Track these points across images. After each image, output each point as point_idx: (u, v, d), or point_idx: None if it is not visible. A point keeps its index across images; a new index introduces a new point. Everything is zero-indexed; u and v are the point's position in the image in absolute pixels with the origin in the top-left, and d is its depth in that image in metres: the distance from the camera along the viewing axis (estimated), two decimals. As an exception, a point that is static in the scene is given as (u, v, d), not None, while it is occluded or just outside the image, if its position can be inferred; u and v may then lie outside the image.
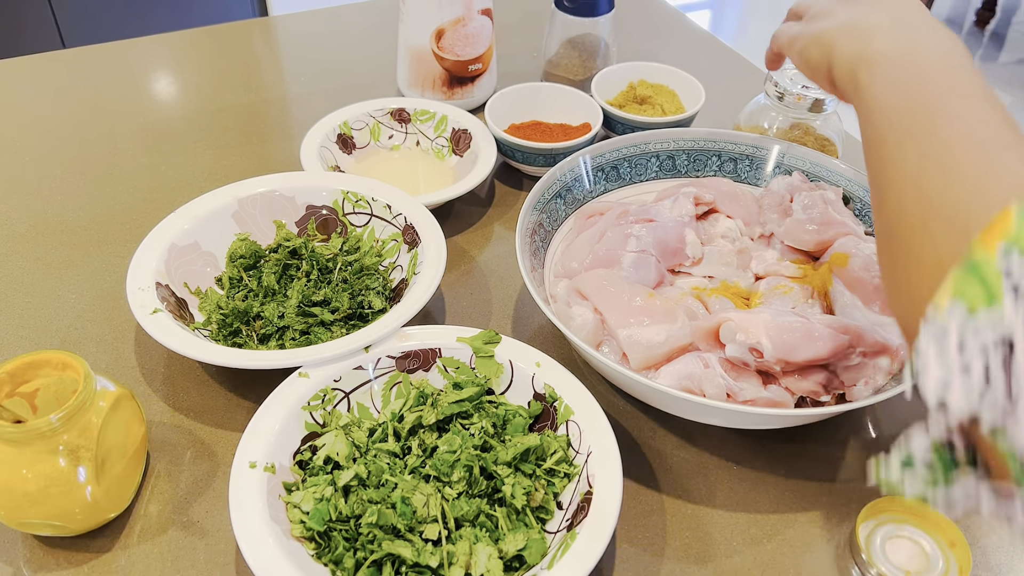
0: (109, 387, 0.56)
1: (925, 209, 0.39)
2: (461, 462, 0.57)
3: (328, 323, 0.69)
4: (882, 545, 0.57)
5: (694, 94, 0.94)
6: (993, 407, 0.32)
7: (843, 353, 0.60)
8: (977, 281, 0.33)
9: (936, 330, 0.34)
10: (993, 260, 0.32)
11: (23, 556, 0.56)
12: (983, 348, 0.32)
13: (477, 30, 0.95)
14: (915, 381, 0.35)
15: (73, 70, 1.07)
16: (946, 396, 0.33)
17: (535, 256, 0.71)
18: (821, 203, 0.73)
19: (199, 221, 0.73)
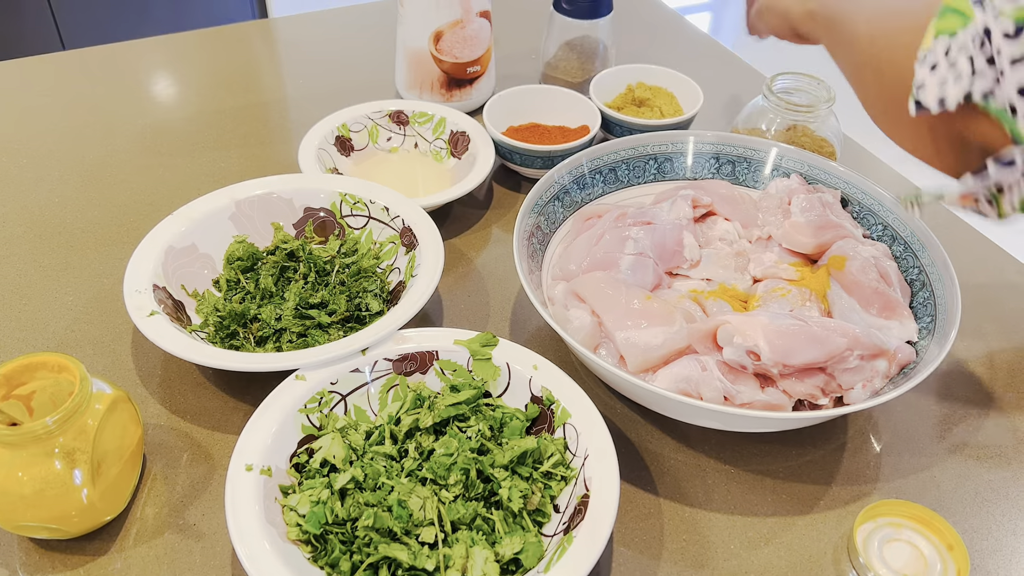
0: (105, 390, 0.56)
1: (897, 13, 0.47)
2: (458, 465, 0.57)
3: (325, 325, 0.68)
4: (880, 548, 0.57)
5: (692, 96, 0.94)
6: (981, 79, 0.40)
7: (840, 356, 0.60)
8: (951, 15, 0.41)
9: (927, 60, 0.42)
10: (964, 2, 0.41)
11: (19, 559, 0.56)
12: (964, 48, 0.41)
13: (475, 32, 0.95)
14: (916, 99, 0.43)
15: (72, 72, 1.07)
16: (943, 93, 0.42)
17: (533, 258, 0.71)
18: (819, 205, 0.73)
19: (196, 223, 0.73)
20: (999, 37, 0.39)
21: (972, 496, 0.63)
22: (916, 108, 0.44)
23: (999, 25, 0.39)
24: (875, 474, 0.64)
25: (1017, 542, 0.60)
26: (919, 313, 0.67)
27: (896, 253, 0.72)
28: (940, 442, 0.67)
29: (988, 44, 0.40)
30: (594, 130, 0.89)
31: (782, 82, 0.86)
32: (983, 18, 0.40)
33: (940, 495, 0.63)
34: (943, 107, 0.42)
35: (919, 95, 0.43)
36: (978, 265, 0.83)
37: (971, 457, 0.66)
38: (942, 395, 0.70)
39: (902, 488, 0.63)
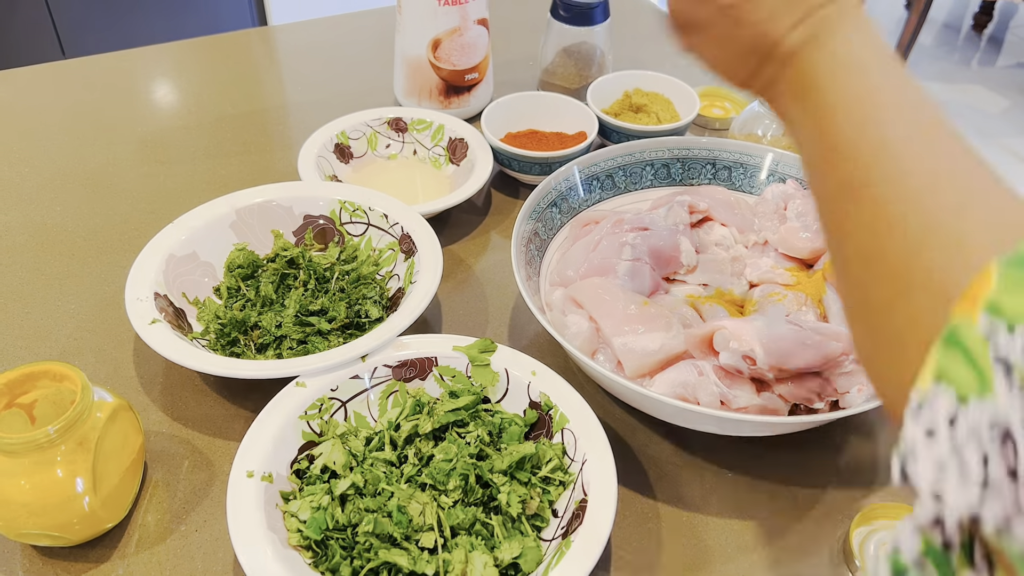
0: (107, 398, 0.56)
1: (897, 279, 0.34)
2: (457, 471, 0.57)
3: (325, 332, 0.69)
4: (876, 552, 0.58)
5: (689, 102, 0.95)
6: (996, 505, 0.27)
7: (836, 360, 0.60)
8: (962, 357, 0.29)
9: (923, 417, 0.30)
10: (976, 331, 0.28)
11: (22, 566, 0.56)
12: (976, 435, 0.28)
13: (473, 40, 0.96)
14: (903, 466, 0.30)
15: (73, 80, 1.08)
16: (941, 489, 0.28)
17: (531, 265, 0.71)
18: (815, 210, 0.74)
19: (197, 231, 0.73)
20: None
21: (968, 499, 0.63)
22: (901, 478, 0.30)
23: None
24: (871, 477, 0.64)
25: (1013, 544, 0.60)
26: (914, 317, 0.68)
27: (891, 257, 0.72)
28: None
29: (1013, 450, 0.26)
30: (591, 136, 0.89)
31: None
32: (1008, 402, 0.27)
33: (936, 498, 0.63)
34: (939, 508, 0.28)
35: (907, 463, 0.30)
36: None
37: (967, 460, 0.66)
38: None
39: (898, 491, 0.64)
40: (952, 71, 2.94)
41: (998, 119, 2.61)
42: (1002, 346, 0.28)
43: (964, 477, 0.28)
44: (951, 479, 0.28)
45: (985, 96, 2.79)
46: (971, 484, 0.27)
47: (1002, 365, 0.27)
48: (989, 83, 2.88)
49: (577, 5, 0.96)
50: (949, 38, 3.16)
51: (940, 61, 3.00)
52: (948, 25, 3.24)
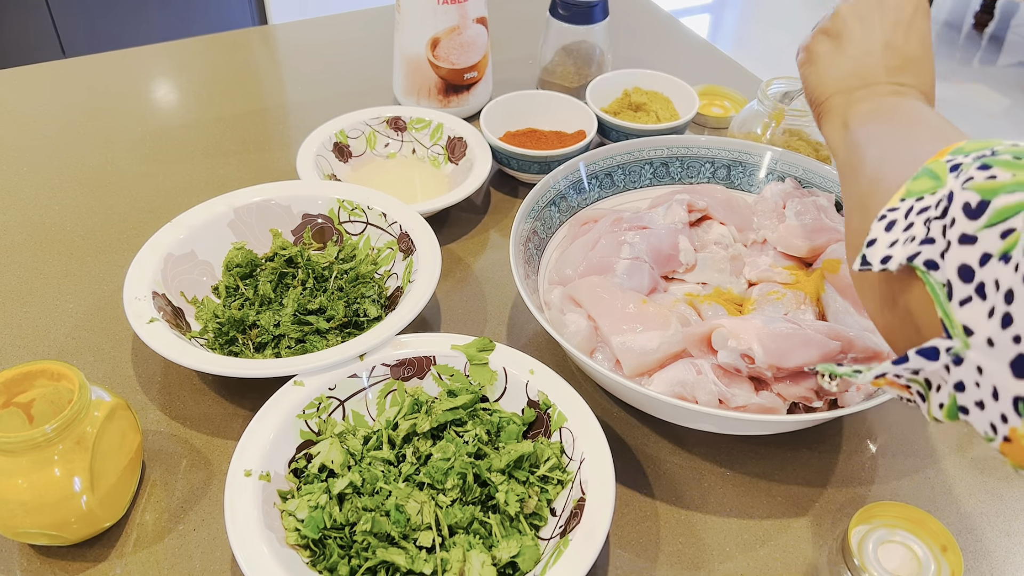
0: (104, 397, 0.56)
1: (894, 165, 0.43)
2: (455, 469, 0.57)
3: (324, 331, 0.69)
4: (874, 550, 0.57)
5: (688, 101, 0.95)
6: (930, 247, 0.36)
7: (834, 359, 0.60)
8: (926, 178, 0.39)
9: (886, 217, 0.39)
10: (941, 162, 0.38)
11: (19, 565, 0.56)
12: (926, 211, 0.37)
13: (472, 38, 0.96)
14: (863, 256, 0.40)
15: (73, 79, 1.08)
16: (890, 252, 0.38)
17: (529, 263, 0.71)
18: (814, 209, 0.74)
19: (195, 230, 0.73)
20: (958, 208, 0.35)
21: (966, 498, 0.63)
22: (860, 263, 0.40)
23: (963, 196, 0.35)
24: (870, 476, 0.64)
25: (1010, 544, 0.60)
26: (913, 316, 0.67)
27: (890, 256, 0.72)
28: (934, 444, 0.67)
29: (949, 211, 0.36)
30: (590, 135, 0.89)
31: (777, 86, 0.86)
32: (952, 183, 0.37)
33: (934, 497, 0.63)
34: (884, 266, 0.39)
35: (866, 252, 0.40)
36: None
37: (965, 459, 0.66)
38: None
39: (896, 490, 0.64)
40: (953, 70, 2.94)
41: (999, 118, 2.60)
42: (957, 161, 0.37)
43: (910, 239, 0.37)
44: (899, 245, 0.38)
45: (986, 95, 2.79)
46: (913, 243, 0.37)
47: (954, 169, 0.37)
48: (990, 82, 2.88)
49: (576, 4, 0.96)
50: (950, 37, 3.16)
51: (941, 60, 3.00)
52: (949, 24, 3.23)
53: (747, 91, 1.06)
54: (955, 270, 0.35)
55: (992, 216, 0.33)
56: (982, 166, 0.35)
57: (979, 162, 0.36)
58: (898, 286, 0.39)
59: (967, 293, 0.34)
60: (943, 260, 0.35)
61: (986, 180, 0.34)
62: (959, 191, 0.35)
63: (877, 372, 0.38)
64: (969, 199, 0.35)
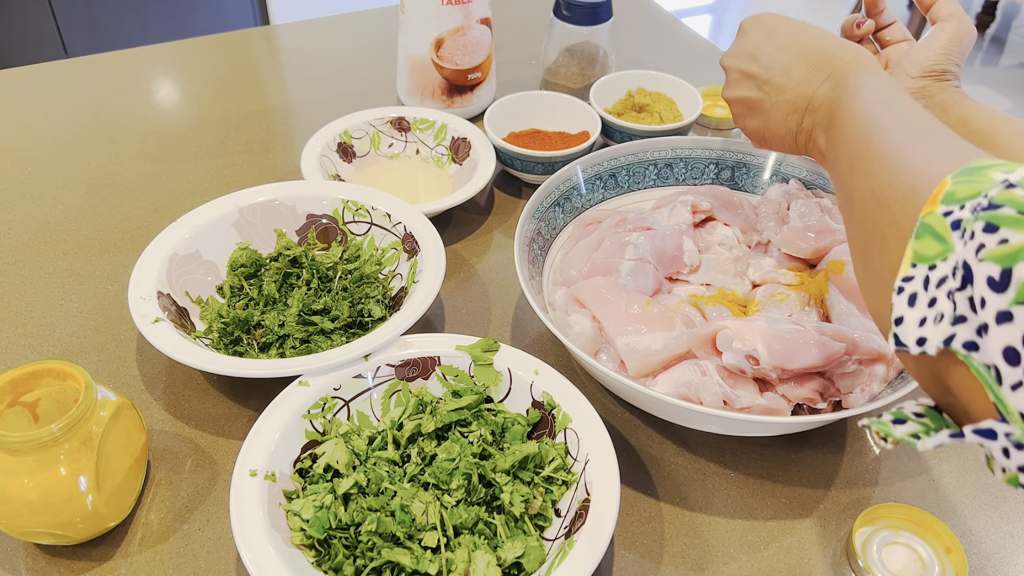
0: (110, 396, 0.56)
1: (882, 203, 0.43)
2: (460, 470, 0.57)
3: (328, 331, 0.69)
4: (879, 551, 0.58)
5: (692, 102, 0.95)
6: (963, 326, 0.34)
7: (839, 361, 0.60)
8: (929, 238, 0.37)
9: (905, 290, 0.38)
10: (938, 216, 0.37)
11: (25, 564, 0.57)
12: (945, 283, 0.36)
13: (476, 39, 0.96)
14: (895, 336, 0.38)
15: (76, 79, 1.08)
16: (923, 334, 0.36)
17: (533, 264, 0.71)
18: (818, 211, 0.74)
19: (200, 230, 0.73)
20: (982, 283, 0.33)
21: (970, 499, 0.63)
22: (895, 344, 0.38)
23: (983, 268, 0.33)
24: (874, 478, 0.64)
25: (1015, 545, 0.60)
26: (917, 317, 0.67)
27: (894, 258, 0.72)
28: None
29: (970, 285, 0.34)
30: (594, 136, 0.89)
31: None
32: (962, 250, 0.34)
33: (938, 498, 0.63)
34: (921, 349, 0.37)
35: (897, 330, 0.38)
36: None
37: (969, 460, 0.66)
38: (941, 399, 0.71)
39: (900, 491, 0.64)
40: (955, 71, 2.93)
41: (1000, 119, 2.60)
42: (954, 214, 0.36)
43: (939, 318, 0.36)
44: (929, 324, 0.36)
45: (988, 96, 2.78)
46: (944, 322, 0.35)
47: (956, 228, 0.36)
48: (992, 83, 2.88)
49: (580, 5, 0.96)
50: (952, 38, 3.15)
51: (943, 61, 2.99)
52: (951, 25, 3.23)
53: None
54: (1000, 353, 0.33)
55: (1020, 289, 0.32)
56: (988, 227, 0.33)
57: (982, 221, 0.34)
58: (939, 365, 0.37)
59: (1018, 378, 0.32)
60: (983, 340, 0.33)
61: (999, 246, 0.33)
62: (975, 263, 0.33)
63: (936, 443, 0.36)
64: (991, 272, 0.33)
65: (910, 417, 0.39)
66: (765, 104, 0.62)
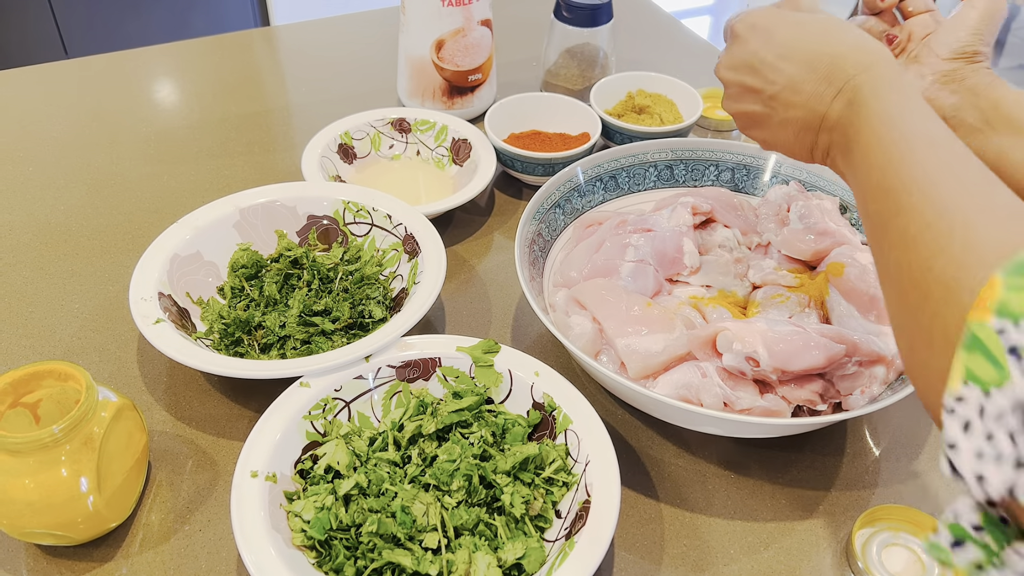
0: (111, 397, 0.56)
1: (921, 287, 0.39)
2: (460, 471, 0.57)
3: (329, 332, 0.69)
4: (878, 553, 0.58)
5: (692, 104, 0.95)
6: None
7: (839, 362, 0.61)
8: (981, 356, 0.33)
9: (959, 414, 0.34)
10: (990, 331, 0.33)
11: (26, 565, 0.57)
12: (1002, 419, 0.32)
13: (477, 40, 0.96)
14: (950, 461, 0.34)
15: (76, 80, 1.08)
16: (982, 470, 0.33)
17: (534, 265, 0.71)
18: (818, 213, 0.74)
19: (201, 231, 0.73)
20: None
21: (970, 501, 0.63)
22: (951, 472, 0.34)
23: None
24: (874, 479, 0.64)
25: (1015, 547, 0.60)
26: (917, 319, 0.68)
27: (894, 259, 0.72)
28: (938, 447, 0.67)
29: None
30: (595, 137, 0.90)
31: None
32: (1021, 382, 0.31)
33: (938, 500, 0.63)
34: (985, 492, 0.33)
35: (952, 457, 0.34)
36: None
37: (969, 462, 0.66)
38: (941, 400, 0.71)
39: (900, 493, 0.64)
40: (954, 73, 2.94)
41: (1000, 121, 2.60)
42: (1012, 337, 0.32)
43: (999, 458, 0.32)
44: (988, 462, 0.33)
45: (987, 98, 2.78)
46: (1005, 463, 0.32)
47: (1013, 354, 0.32)
48: (991, 85, 2.88)
49: (580, 6, 0.96)
50: (951, 40, 3.16)
51: (942, 63, 3.00)
52: (950, 27, 3.23)
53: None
54: None
55: None
56: None
57: None
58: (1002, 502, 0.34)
59: None
60: None
61: None
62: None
63: None
64: None
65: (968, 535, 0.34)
66: (773, 120, 0.55)
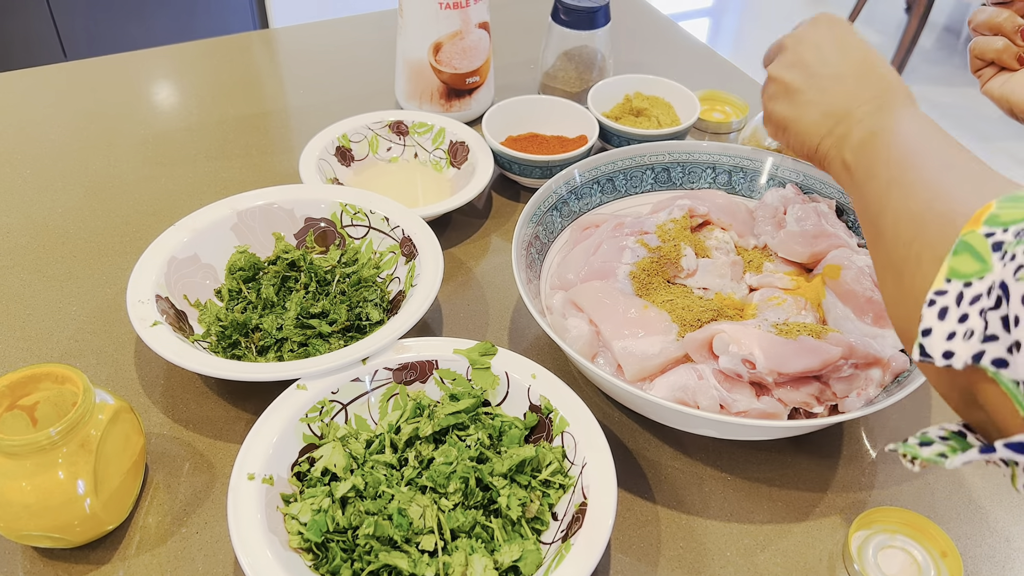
0: (108, 400, 0.56)
1: (919, 222, 0.42)
2: (457, 473, 0.57)
3: (326, 335, 0.69)
4: (875, 555, 0.58)
5: (689, 106, 0.95)
6: (994, 344, 0.35)
7: (835, 365, 0.61)
8: (968, 255, 0.37)
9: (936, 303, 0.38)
10: (979, 236, 0.37)
11: (23, 568, 0.57)
12: (979, 301, 0.36)
13: (475, 43, 0.96)
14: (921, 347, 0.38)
15: (75, 82, 1.08)
16: (951, 348, 0.37)
17: (531, 268, 0.71)
18: (814, 215, 0.74)
19: (199, 233, 0.73)
20: (1018, 302, 0.34)
21: (965, 503, 0.63)
22: (920, 355, 0.39)
23: (1020, 288, 0.33)
24: (870, 481, 0.65)
25: (1010, 549, 0.60)
26: (913, 322, 0.68)
27: (891, 262, 0.73)
28: (935, 449, 0.67)
29: (1005, 304, 0.34)
30: (592, 140, 0.90)
31: None
32: (1002, 271, 0.35)
33: (934, 502, 0.63)
34: (948, 363, 0.37)
35: (924, 341, 0.38)
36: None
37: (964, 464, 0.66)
38: (936, 403, 0.71)
39: (896, 495, 0.64)
40: (952, 75, 2.95)
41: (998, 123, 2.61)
42: (998, 236, 0.36)
43: (968, 335, 0.36)
44: (958, 340, 0.37)
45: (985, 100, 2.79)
46: (974, 339, 0.36)
47: (997, 249, 0.36)
48: (989, 87, 2.88)
49: (578, 9, 0.97)
50: (949, 42, 3.16)
51: (940, 65, 3.01)
52: (948, 29, 3.24)
53: (747, 95, 1.06)
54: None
55: None
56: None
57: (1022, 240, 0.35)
58: (964, 379, 0.38)
59: None
60: (1013, 357, 0.34)
61: None
62: (1013, 282, 0.34)
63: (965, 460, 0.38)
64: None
65: (935, 440, 0.39)
66: (804, 96, 0.59)
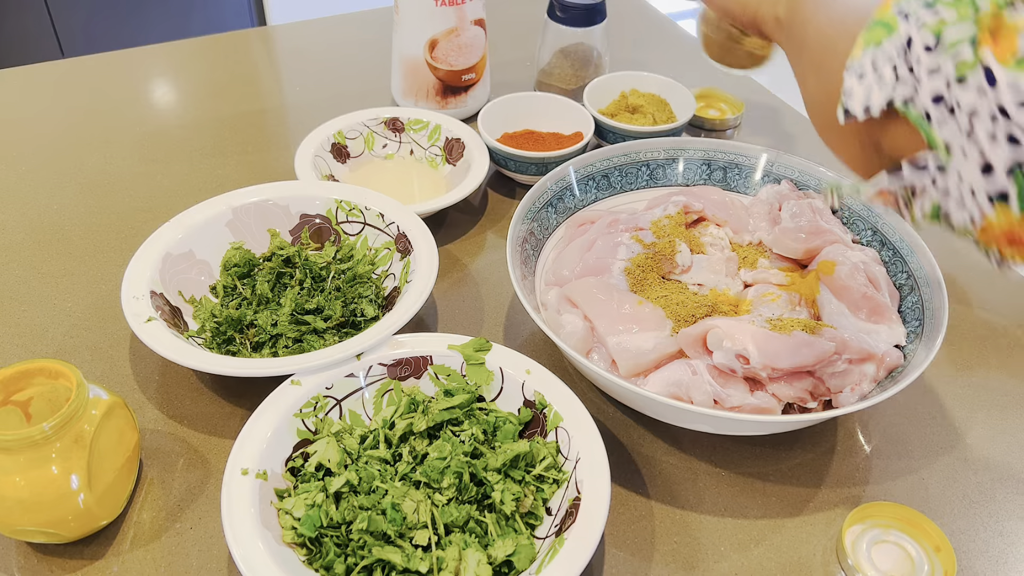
0: (102, 395, 0.56)
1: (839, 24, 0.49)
2: (451, 469, 0.57)
3: (321, 331, 0.69)
4: (868, 550, 0.58)
5: (685, 103, 0.95)
6: (903, 86, 0.43)
7: (829, 360, 0.61)
8: (879, 28, 0.44)
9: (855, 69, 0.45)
10: (890, 12, 0.44)
11: (16, 563, 0.57)
12: (889, 57, 0.43)
13: (470, 40, 0.96)
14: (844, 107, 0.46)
15: (71, 79, 1.08)
16: (869, 100, 0.44)
17: (526, 264, 0.71)
18: (809, 211, 0.74)
19: (194, 230, 0.73)
20: (920, 48, 0.42)
21: (959, 498, 0.63)
22: (844, 116, 0.46)
23: (920, 37, 0.42)
24: (864, 476, 0.65)
25: (1003, 544, 0.61)
26: (907, 317, 0.68)
27: (885, 258, 0.73)
28: (928, 445, 0.67)
29: (910, 53, 0.42)
30: (588, 137, 0.90)
31: None
32: (907, 29, 0.43)
33: (928, 497, 0.63)
34: (868, 114, 0.45)
35: (847, 103, 0.46)
36: (965, 270, 0.84)
37: (958, 459, 0.66)
38: (929, 398, 0.71)
39: (890, 490, 0.64)
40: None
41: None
42: (903, 7, 0.43)
43: (881, 83, 0.44)
44: (873, 90, 0.44)
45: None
46: (885, 85, 0.44)
47: (902, 15, 0.43)
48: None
49: (574, 6, 0.97)
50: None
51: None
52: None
53: (742, 93, 1.06)
54: (929, 99, 0.41)
55: (945, 48, 0.40)
56: (927, 5, 0.42)
57: (924, 7, 0.42)
58: (879, 129, 0.46)
59: (942, 116, 0.41)
60: (918, 94, 0.42)
61: (935, 20, 0.41)
62: (916, 33, 0.42)
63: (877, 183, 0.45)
64: (927, 40, 0.41)
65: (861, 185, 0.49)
66: None
